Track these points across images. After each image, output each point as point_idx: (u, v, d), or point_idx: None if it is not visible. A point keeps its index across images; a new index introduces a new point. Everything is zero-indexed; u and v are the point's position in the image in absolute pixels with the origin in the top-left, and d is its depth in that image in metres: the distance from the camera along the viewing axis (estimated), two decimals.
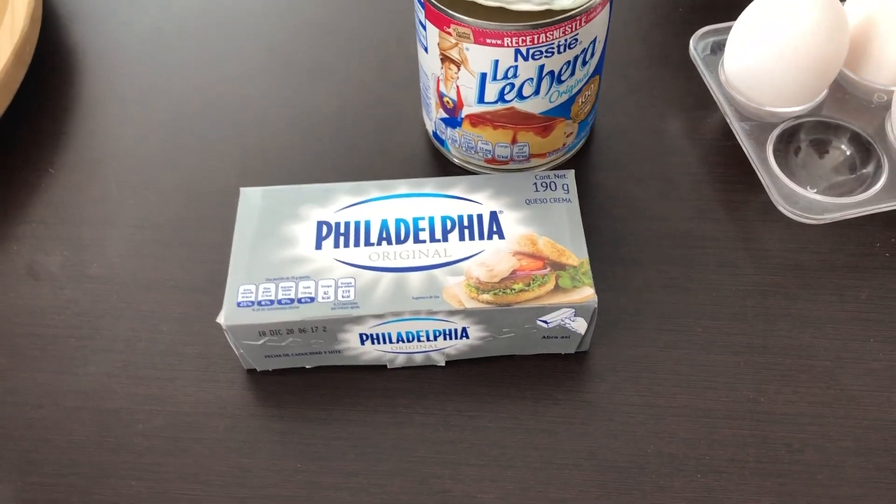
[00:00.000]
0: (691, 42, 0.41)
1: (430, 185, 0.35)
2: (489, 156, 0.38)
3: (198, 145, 0.41)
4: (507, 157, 0.38)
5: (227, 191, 0.39)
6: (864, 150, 0.37)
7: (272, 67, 0.45)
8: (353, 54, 0.45)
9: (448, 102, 0.37)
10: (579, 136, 0.40)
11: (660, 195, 0.38)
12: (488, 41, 0.33)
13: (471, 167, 0.40)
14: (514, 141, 0.37)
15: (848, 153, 0.37)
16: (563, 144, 0.39)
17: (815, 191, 0.36)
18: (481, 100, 0.36)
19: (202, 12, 0.48)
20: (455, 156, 0.40)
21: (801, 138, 0.37)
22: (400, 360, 0.33)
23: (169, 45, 0.46)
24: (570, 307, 0.31)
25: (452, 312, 0.31)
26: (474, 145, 0.38)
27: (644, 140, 0.41)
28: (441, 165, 0.40)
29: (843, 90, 0.40)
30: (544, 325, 0.32)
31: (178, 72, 0.45)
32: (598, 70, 0.37)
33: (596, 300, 0.31)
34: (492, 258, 0.32)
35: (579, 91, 0.36)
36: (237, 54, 0.46)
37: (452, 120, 0.38)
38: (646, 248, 0.37)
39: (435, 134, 0.40)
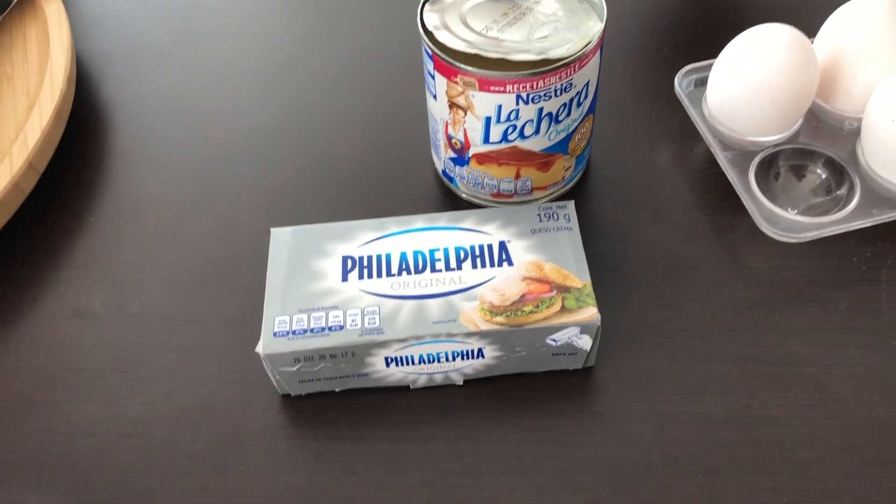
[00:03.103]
0: (676, 79, 0.44)
1: (443, 219, 0.38)
2: (495, 190, 0.42)
3: (226, 190, 0.45)
4: (511, 191, 0.42)
5: (255, 231, 0.42)
6: (838, 173, 0.40)
7: (293, 116, 0.48)
8: (366, 102, 0.49)
9: (456, 144, 0.40)
10: (577, 170, 0.43)
11: (653, 221, 0.42)
12: (492, 88, 0.37)
13: (478, 201, 0.43)
14: (517, 176, 0.41)
15: (823, 176, 0.41)
16: (563, 178, 0.42)
17: (795, 212, 0.40)
18: (486, 140, 0.39)
19: (223, 66, 0.52)
20: (463, 191, 0.43)
21: (779, 164, 0.41)
22: (422, 381, 0.36)
23: (194, 98, 0.50)
24: (576, 326, 0.34)
25: (469, 334, 0.34)
26: (481, 181, 0.42)
27: (636, 171, 0.44)
28: (451, 200, 0.44)
29: (817, 119, 0.43)
30: (553, 343, 0.35)
31: (204, 122, 0.48)
32: (591, 109, 0.41)
33: (599, 318, 0.34)
34: (503, 283, 0.35)
35: (575, 129, 0.40)
36: (258, 104, 0.49)
37: (460, 159, 0.41)
38: (643, 270, 0.40)
39: (444, 172, 0.43)
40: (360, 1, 0.55)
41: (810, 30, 0.44)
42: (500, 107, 0.37)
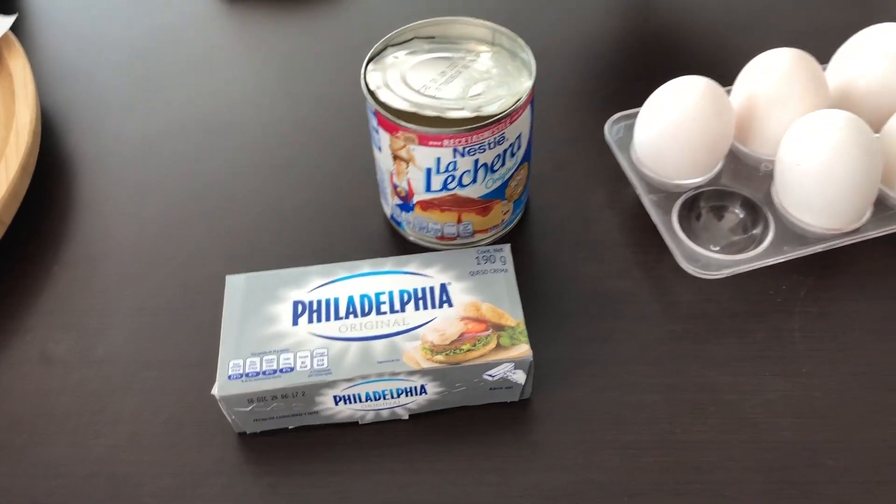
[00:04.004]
0: (605, 127, 0.48)
1: (388, 263, 0.41)
2: (439, 234, 0.45)
3: (185, 237, 0.47)
4: (454, 234, 0.45)
5: (212, 277, 0.44)
6: (754, 212, 0.44)
7: (248, 165, 0.51)
8: (319, 151, 0.52)
9: (401, 192, 0.43)
10: (515, 213, 0.46)
11: (586, 259, 0.45)
12: (430, 143, 0.39)
13: (425, 244, 0.46)
14: (459, 221, 0.44)
15: (741, 216, 0.44)
16: (502, 221, 0.45)
17: (716, 249, 0.43)
18: (428, 189, 0.42)
19: (183, 117, 0.54)
20: (411, 235, 0.46)
21: (700, 205, 0.44)
22: (369, 417, 0.39)
23: (155, 148, 0.52)
24: (510, 362, 0.37)
25: (412, 372, 0.37)
26: (426, 226, 0.44)
27: (571, 213, 0.47)
28: (399, 243, 0.46)
29: (737, 161, 0.47)
30: (490, 378, 0.38)
31: (164, 172, 0.51)
32: (526, 158, 0.44)
33: (531, 355, 0.37)
34: (443, 324, 0.38)
35: (511, 177, 0.43)
36: (217, 154, 0.52)
37: (406, 206, 0.44)
38: (576, 305, 0.43)
39: (392, 217, 0.46)
40: (312, 57, 0.58)
41: (731, 79, 0.47)
42: (438, 159, 0.40)
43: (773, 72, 0.44)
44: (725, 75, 0.47)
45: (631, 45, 0.58)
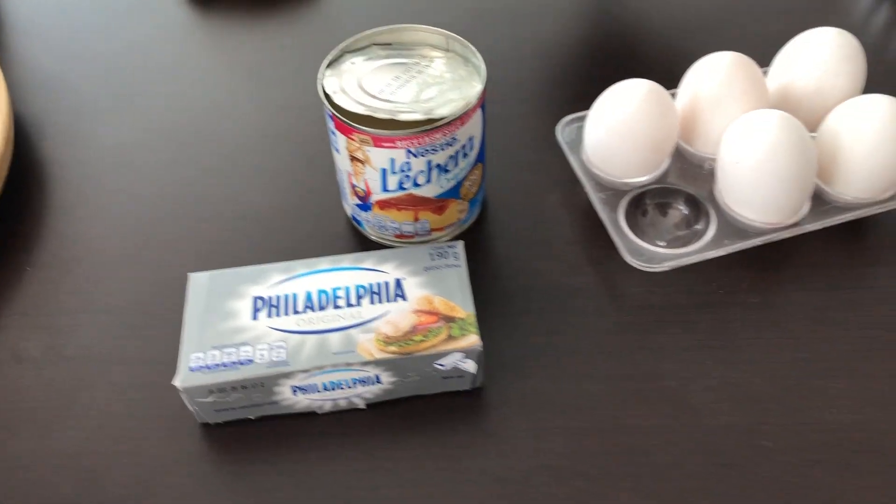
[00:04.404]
0: (557, 128, 0.50)
1: (346, 260, 0.42)
2: (398, 232, 0.46)
3: (155, 239, 0.49)
4: (412, 232, 0.46)
5: (181, 277, 0.46)
6: (697, 208, 0.46)
7: (216, 169, 0.53)
8: (285, 155, 0.53)
9: (359, 192, 0.45)
10: (472, 212, 0.48)
11: (539, 256, 0.47)
12: (384, 144, 0.41)
13: (384, 241, 0.48)
14: (416, 219, 0.46)
15: (686, 212, 0.46)
16: (458, 219, 0.47)
17: (662, 244, 0.45)
18: (385, 189, 0.44)
19: (154, 125, 0.56)
20: (371, 233, 0.48)
21: (646, 203, 0.46)
22: (328, 406, 0.41)
23: (126, 155, 0.54)
24: (460, 352, 0.39)
25: (366, 363, 0.39)
26: (385, 224, 0.46)
27: (526, 211, 0.49)
28: (361, 241, 0.48)
29: (683, 160, 0.49)
30: (441, 367, 0.39)
31: (134, 177, 0.53)
32: (480, 159, 0.46)
33: (481, 344, 0.39)
34: (396, 317, 0.40)
35: (465, 177, 0.45)
36: (185, 160, 0.54)
37: (364, 205, 0.46)
38: (529, 300, 0.45)
39: (353, 217, 0.48)
40: (278, 64, 0.60)
41: (677, 82, 0.49)
42: (392, 160, 0.42)
43: (714, 74, 0.46)
44: (672, 78, 0.49)
45: (582, 50, 0.60)
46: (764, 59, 0.50)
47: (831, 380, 0.41)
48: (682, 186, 0.47)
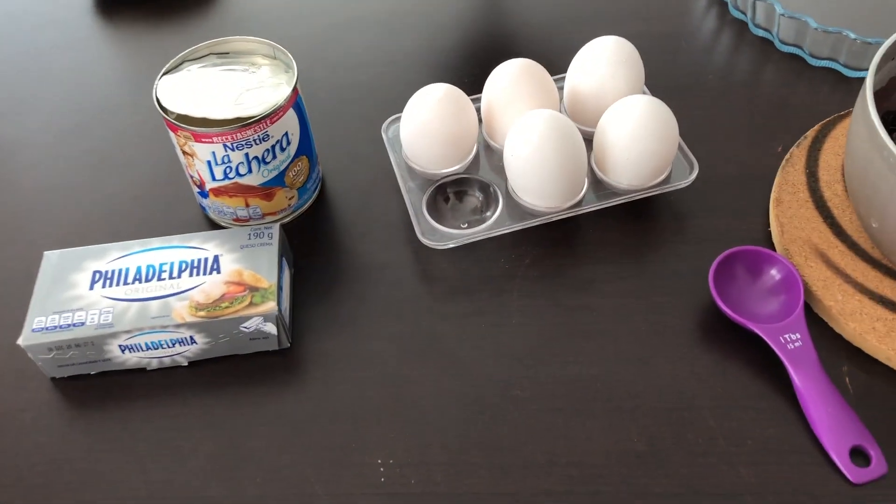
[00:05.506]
0: (382, 128, 0.57)
1: (175, 239, 0.50)
2: (234, 217, 0.54)
3: (28, 227, 0.56)
4: (247, 217, 0.54)
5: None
6: (488, 195, 0.53)
7: (89, 165, 0.60)
8: (152, 149, 0.61)
9: (196, 181, 0.52)
10: (303, 199, 0.55)
11: (359, 238, 0.54)
12: (203, 140, 0.48)
13: (225, 224, 0.55)
14: (247, 205, 0.53)
15: (481, 198, 0.53)
16: (289, 205, 0.54)
17: (465, 226, 0.52)
18: (214, 178, 0.51)
19: (51, 123, 0.63)
20: (213, 218, 0.55)
21: (447, 191, 0.53)
22: (154, 364, 0.48)
23: (18, 151, 0.61)
24: (260, 316, 0.46)
25: (179, 325, 0.46)
26: (222, 209, 0.53)
27: (354, 199, 0.56)
28: (210, 225, 0.55)
29: (490, 152, 0.56)
30: (246, 329, 0.47)
31: (20, 170, 0.60)
32: (303, 151, 0.53)
33: (276, 309, 0.46)
34: (209, 287, 0.47)
35: (287, 168, 0.52)
36: (65, 155, 0.61)
37: (202, 193, 0.53)
38: (344, 274, 0.52)
39: (200, 203, 0.55)
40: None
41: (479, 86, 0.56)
42: (213, 153, 0.49)
43: (505, 77, 0.53)
44: (477, 82, 0.56)
45: (404, 60, 0.67)
46: (564, 64, 0.57)
47: (582, 340, 0.48)
48: (478, 176, 0.54)
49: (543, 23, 0.69)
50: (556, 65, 0.58)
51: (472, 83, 0.62)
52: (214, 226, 0.55)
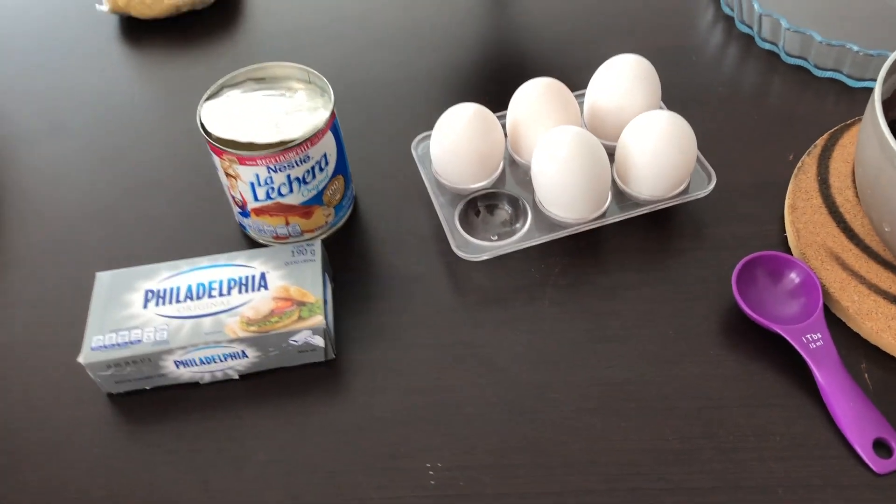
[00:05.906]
0: (412, 145, 0.59)
1: (222, 258, 0.52)
2: (274, 234, 0.56)
3: (76, 246, 0.58)
4: (286, 234, 0.56)
5: (93, 276, 0.56)
6: (517, 208, 0.55)
7: (130, 186, 0.62)
8: (188, 171, 0.63)
9: (238, 202, 0.55)
10: (339, 216, 0.57)
11: (394, 251, 0.56)
12: (248, 163, 0.51)
13: (265, 242, 0.57)
14: (287, 223, 0.55)
15: (511, 212, 0.56)
16: (326, 222, 0.57)
17: (495, 238, 0.54)
18: (256, 199, 0.53)
19: (81, 147, 0.65)
20: (253, 236, 0.57)
21: (478, 205, 0.56)
22: (207, 378, 0.50)
23: (56, 173, 0.63)
24: (308, 329, 0.49)
25: (231, 340, 0.48)
26: (263, 228, 0.56)
27: (387, 215, 0.59)
28: (248, 242, 0.58)
29: (516, 167, 0.58)
30: (295, 343, 0.49)
31: (62, 194, 0.62)
32: (339, 171, 0.55)
33: (324, 323, 0.49)
34: (258, 303, 0.50)
35: (325, 187, 0.54)
36: (105, 177, 0.63)
37: (244, 213, 0.55)
38: (381, 287, 0.55)
39: (240, 222, 0.58)
40: (189, 93, 0.70)
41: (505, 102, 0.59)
42: (257, 175, 0.52)
43: (530, 96, 0.55)
44: (497, 99, 0.59)
45: (428, 81, 0.69)
46: (584, 81, 0.59)
47: (612, 344, 0.51)
48: (507, 190, 0.56)
49: (557, 40, 0.71)
50: (573, 80, 0.61)
51: (492, 100, 0.65)
52: (253, 243, 0.58)
